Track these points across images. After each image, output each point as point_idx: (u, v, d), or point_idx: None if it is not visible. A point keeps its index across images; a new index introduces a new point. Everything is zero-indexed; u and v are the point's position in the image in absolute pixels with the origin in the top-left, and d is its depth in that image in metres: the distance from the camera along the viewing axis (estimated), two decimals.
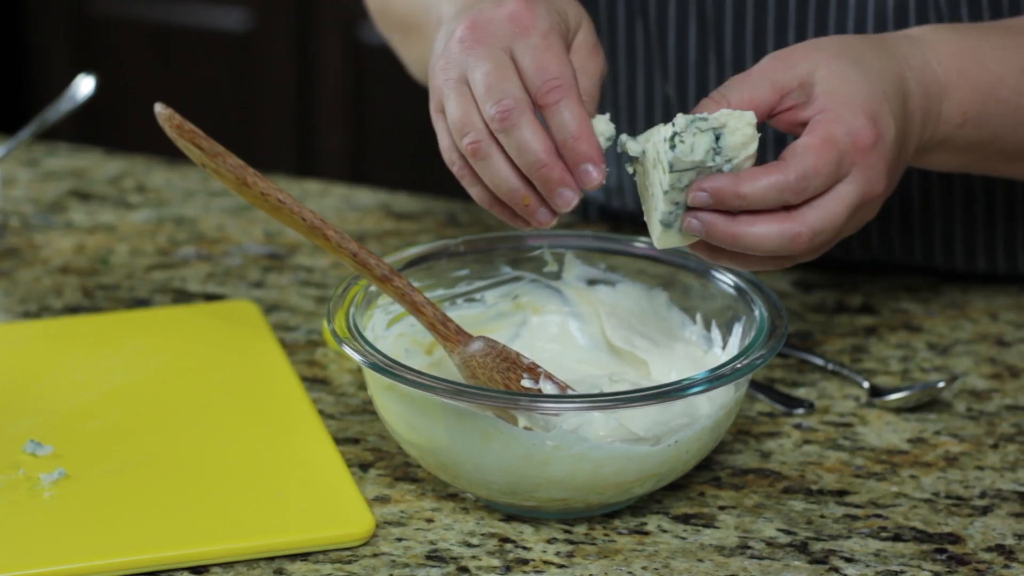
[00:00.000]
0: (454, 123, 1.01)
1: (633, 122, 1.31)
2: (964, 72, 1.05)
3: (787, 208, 0.97)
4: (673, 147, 0.96)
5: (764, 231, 0.97)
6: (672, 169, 0.96)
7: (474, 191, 1.03)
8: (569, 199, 0.99)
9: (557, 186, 0.98)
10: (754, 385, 1.16)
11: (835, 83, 0.99)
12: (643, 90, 1.30)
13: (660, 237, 1.00)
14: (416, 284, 1.06)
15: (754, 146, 0.97)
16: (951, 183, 1.25)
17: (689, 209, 0.98)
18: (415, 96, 1.58)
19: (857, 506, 1.04)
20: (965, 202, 1.26)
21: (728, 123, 0.96)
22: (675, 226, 0.99)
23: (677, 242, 1.01)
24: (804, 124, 0.99)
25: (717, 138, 0.96)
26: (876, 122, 0.98)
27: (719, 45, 1.24)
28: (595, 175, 0.98)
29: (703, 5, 1.23)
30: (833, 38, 1.03)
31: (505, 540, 1.00)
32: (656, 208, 0.99)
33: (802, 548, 1.00)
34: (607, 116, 1.01)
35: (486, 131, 0.99)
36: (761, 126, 0.98)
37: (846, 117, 0.98)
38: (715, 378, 0.98)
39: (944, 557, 0.99)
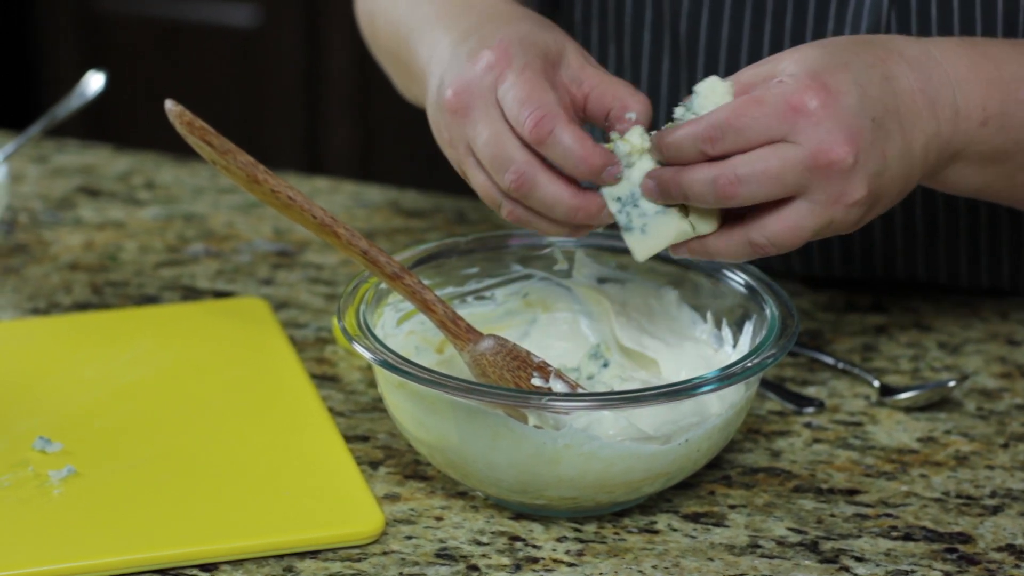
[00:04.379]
0: (483, 195, 1.03)
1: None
2: (975, 68, 1.03)
3: None
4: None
5: (693, 175, 0.98)
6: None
7: (537, 225, 1.03)
8: (615, 172, 1.00)
9: (600, 170, 1.00)
10: (764, 384, 1.16)
11: (798, 62, 0.98)
12: None
13: (632, 246, 1.02)
14: (426, 282, 1.05)
15: None
16: (976, 201, 1.24)
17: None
18: None
19: (867, 505, 1.04)
20: (991, 220, 1.25)
21: (704, 87, 0.99)
22: (635, 226, 1.01)
23: (651, 246, 1.01)
24: None
25: (692, 94, 1.00)
26: (825, 85, 0.96)
27: (691, 74, 1.24)
28: (615, 171, 1.00)
29: (677, 34, 1.24)
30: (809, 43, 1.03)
31: (515, 539, 1.00)
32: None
33: (812, 547, 1.00)
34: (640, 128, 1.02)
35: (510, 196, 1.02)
36: None
37: (786, 82, 0.97)
38: (725, 377, 0.98)
39: (955, 557, 0.99)
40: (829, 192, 0.97)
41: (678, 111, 1.01)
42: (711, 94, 0.99)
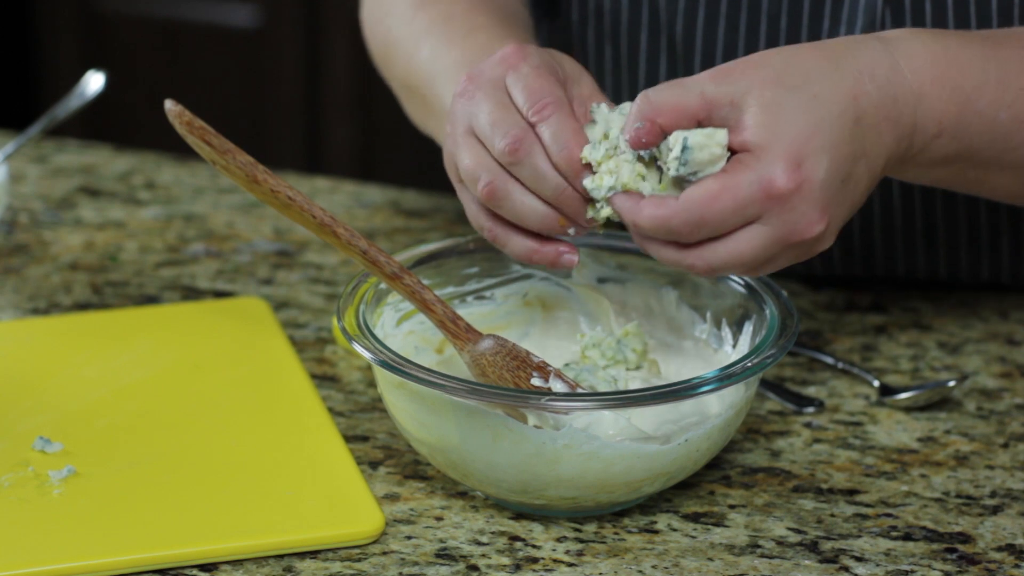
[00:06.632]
0: (466, 173, 1.01)
1: None
2: (939, 80, 1.01)
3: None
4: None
5: (664, 253, 0.98)
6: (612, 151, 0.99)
7: (511, 247, 1.02)
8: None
9: (583, 204, 0.99)
10: (764, 384, 1.16)
11: (763, 117, 0.95)
12: None
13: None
14: (426, 282, 1.06)
15: (722, 164, 0.96)
16: (977, 199, 1.24)
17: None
18: None
19: (867, 505, 1.04)
20: (990, 215, 1.24)
21: (698, 139, 0.96)
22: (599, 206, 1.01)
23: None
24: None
25: (684, 150, 0.96)
26: (799, 166, 0.94)
27: (688, 75, 1.23)
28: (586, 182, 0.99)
29: (673, 35, 1.23)
30: (781, 52, 0.99)
31: (515, 539, 1.00)
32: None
33: (812, 547, 1.00)
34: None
35: (499, 169, 1.00)
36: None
37: (762, 162, 0.95)
38: (725, 377, 0.98)
39: (954, 557, 0.99)
40: (798, 254, 0.98)
41: (672, 165, 0.96)
42: (705, 146, 0.95)
